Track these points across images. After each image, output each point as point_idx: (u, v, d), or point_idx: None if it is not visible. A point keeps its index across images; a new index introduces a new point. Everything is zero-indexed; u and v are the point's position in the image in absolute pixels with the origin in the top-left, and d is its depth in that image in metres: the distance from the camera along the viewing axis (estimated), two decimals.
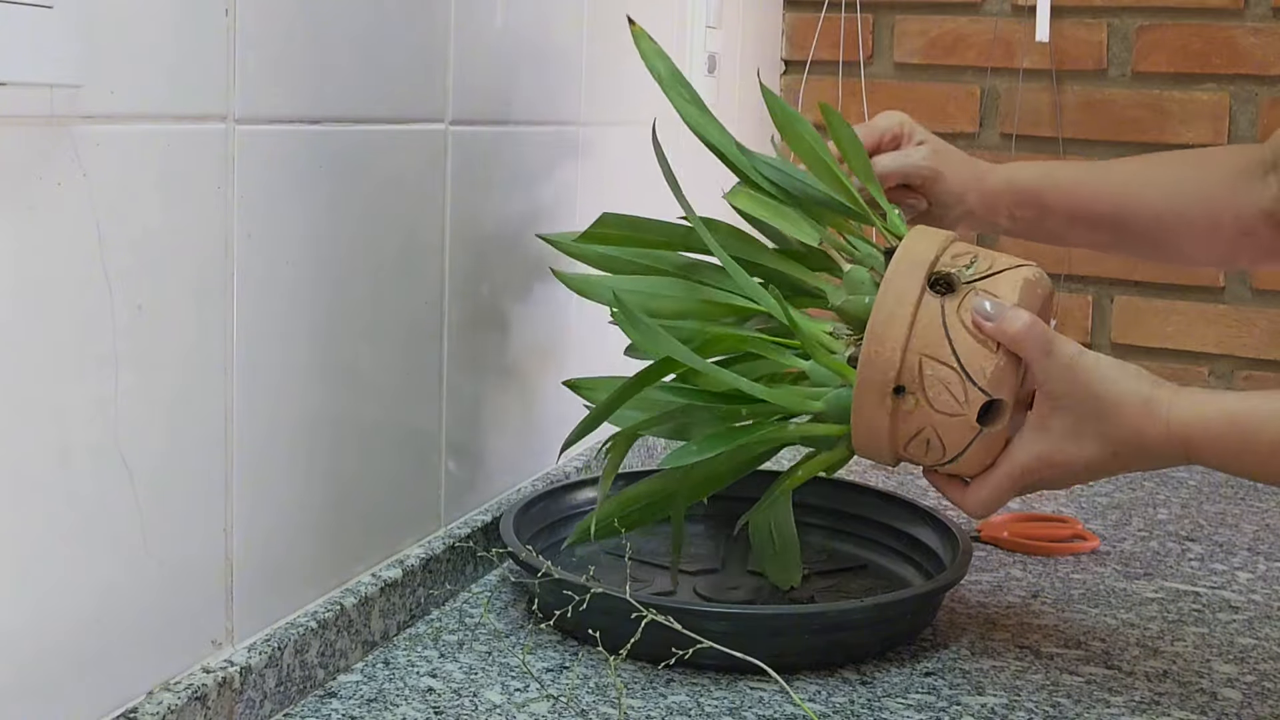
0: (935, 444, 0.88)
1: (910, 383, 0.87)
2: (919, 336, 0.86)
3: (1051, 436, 0.86)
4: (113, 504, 0.70)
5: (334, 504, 0.90)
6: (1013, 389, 0.87)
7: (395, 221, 0.94)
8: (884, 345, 0.86)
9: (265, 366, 0.81)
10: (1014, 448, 0.87)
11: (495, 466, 1.13)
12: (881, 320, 0.87)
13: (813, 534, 1.18)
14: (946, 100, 1.82)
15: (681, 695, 0.88)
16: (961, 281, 0.88)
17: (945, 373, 0.86)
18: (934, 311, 0.87)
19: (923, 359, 0.86)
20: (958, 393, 0.86)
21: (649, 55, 1.04)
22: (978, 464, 0.88)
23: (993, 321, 0.85)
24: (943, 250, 0.90)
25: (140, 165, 0.69)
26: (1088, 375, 0.84)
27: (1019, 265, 0.90)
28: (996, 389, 0.85)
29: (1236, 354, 1.76)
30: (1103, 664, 0.96)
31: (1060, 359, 0.85)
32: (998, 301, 0.86)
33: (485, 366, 1.09)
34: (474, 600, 1.03)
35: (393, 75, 0.92)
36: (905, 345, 0.86)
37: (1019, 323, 0.85)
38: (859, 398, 0.88)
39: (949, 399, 0.86)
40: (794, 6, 1.88)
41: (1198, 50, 1.71)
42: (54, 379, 0.65)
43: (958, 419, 0.86)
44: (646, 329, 0.91)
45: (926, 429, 0.87)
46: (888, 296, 0.87)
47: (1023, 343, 0.85)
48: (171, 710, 0.73)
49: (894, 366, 0.86)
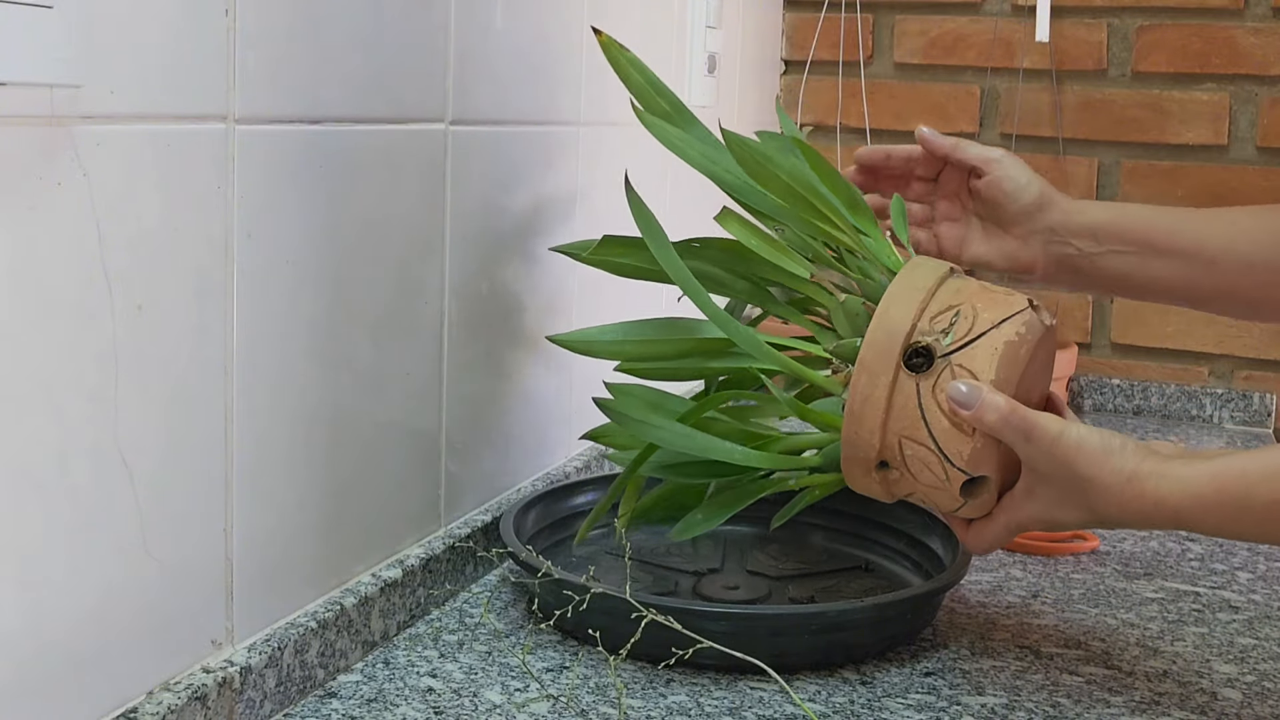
0: (929, 503, 0.90)
1: (892, 459, 0.87)
2: (896, 418, 0.86)
3: (1039, 504, 0.86)
4: (113, 504, 0.70)
5: (334, 504, 0.90)
6: (996, 462, 0.86)
7: (395, 221, 0.94)
8: (862, 426, 0.86)
9: (265, 366, 0.81)
10: (1009, 504, 0.88)
11: (495, 466, 1.13)
12: (859, 401, 0.86)
13: (813, 534, 1.18)
14: (946, 100, 1.82)
15: (681, 695, 0.88)
16: (938, 355, 0.85)
17: (924, 453, 0.86)
18: (909, 393, 0.86)
19: (901, 439, 0.86)
20: (938, 471, 0.86)
21: (621, 65, 0.99)
22: (974, 514, 0.90)
23: (969, 409, 0.83)
24: (920, 313, 0.86)
25: (140, 165, 0.69)
26: (1071, 456, 0.83)
27: (1003, 321, 0.86)
28: (976, 468, 0.85)
29: (1236, 354, 1.76)
30: (1103, 664, 0.96)
31: (1041, 444, 0.83)
32: (974, 386, 0.83)
33: (485, 366, 1.09)
34: (474, 600, 1.03)
35: (393, 75, 0.92)
36: (883, 426, 0.86)
37: (994, 414, 0.83)
38: (846, 468, 0.90)
39: (930, 475, 0.87)
40: (794, 6, 1.88)
41: (1198, 50, 1.72)
42: (53, 379, 0.65)
43: (942, 491, 0.88)
44: (636, 425, 0.93)
45: (917, 493, 0.89)
46: (862, 377, 0.86)
47: (1000, 432, 0.83)
48: (171, 710, 0.73)
49: (874, 447, 0.87)
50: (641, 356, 0.98)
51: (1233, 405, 1.75)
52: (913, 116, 1.83)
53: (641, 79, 0.99)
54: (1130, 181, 1.76)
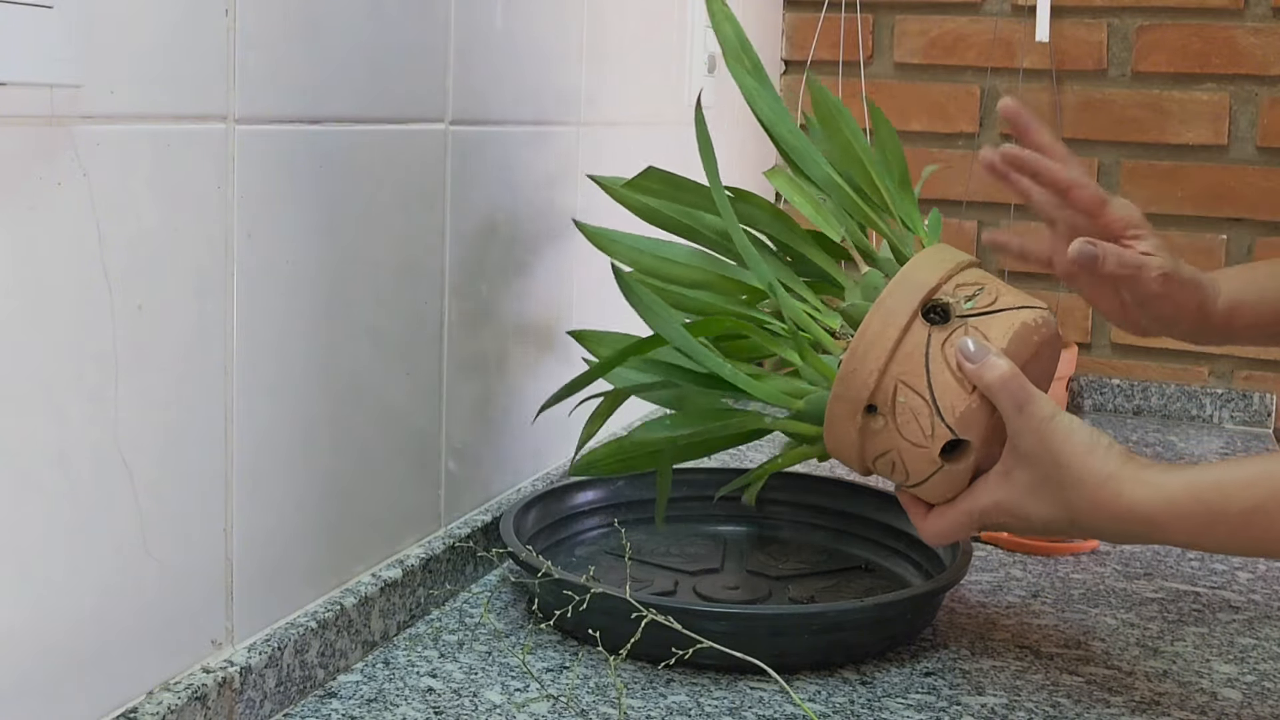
0: (899, 467, 0.88)
1: (882, 405, 0.86)
2: (899, 362, 0.86)
3: (1013, 489, 0.85)
4: (113, 504, 0.70)
5: (334, 504, 0.90)
6: (982, 432, 0.85)
7: (395, 221, 0.94)
8: (863, 364, 0.86)
9: (265, 366, 0.81)
10: (977, 488, 0.87)
11: (495, 466, 1.13)
12: (866, 339, 0.86)
13: (813, 534, 1.18)
14: (946, 100, 1.82)
15: (681, 695, 0.88)
16: (956, 314, 0.87)
17: (917, 402, 0.85)
18: (919, 340, 0.86)
19: (898, 384, 0.86)
20: (925, 425, 0.85)
21: (718, 17, 1.03)
22: (939, 494, 0.88)
23: (973, 364, 0.84)
24: (947, 278, 0.88)
25: (140, 165, 0.69)
26: (1057, 441, 0.82)
27: (1022, 307, 0.88)
28: (964, 429, 0.85)
29: (1236, 354, 1.76)
30: (1103, 664, 0.96)
31: (1032, 419, 0.83)
32: (983, 344, 0.84)
33: (485, 366, 1.09)
34: (474, 600, 1.03)
35: (393, 75, 0.92)
36: (884, 368, 0.86)
37: (996, 372, 0.83)
38: (832, 408, 0.88)
39: (916, 429, 0.86)
40: (794, 6, 1.88)
41: (1198, 50, 1.72)
42: (54, 379, 0.65)
43: (921, 450, 0.86)
44: (643, 303, 0.91)
45: (892, 452, 0.87)
46: (876, 317, 0.87)
47: (997, 393, 0.83)
48: (171, 710, 0.73)
49: (869, 387, 0.86)
50: (655, 272, 0.97)
51: (1233, 405, 1.75)
52: (913, 116, 1.83)
53: (732, 33, 1.02)
54: (1130, 181, 1.76)
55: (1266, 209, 1.71)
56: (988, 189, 1.82)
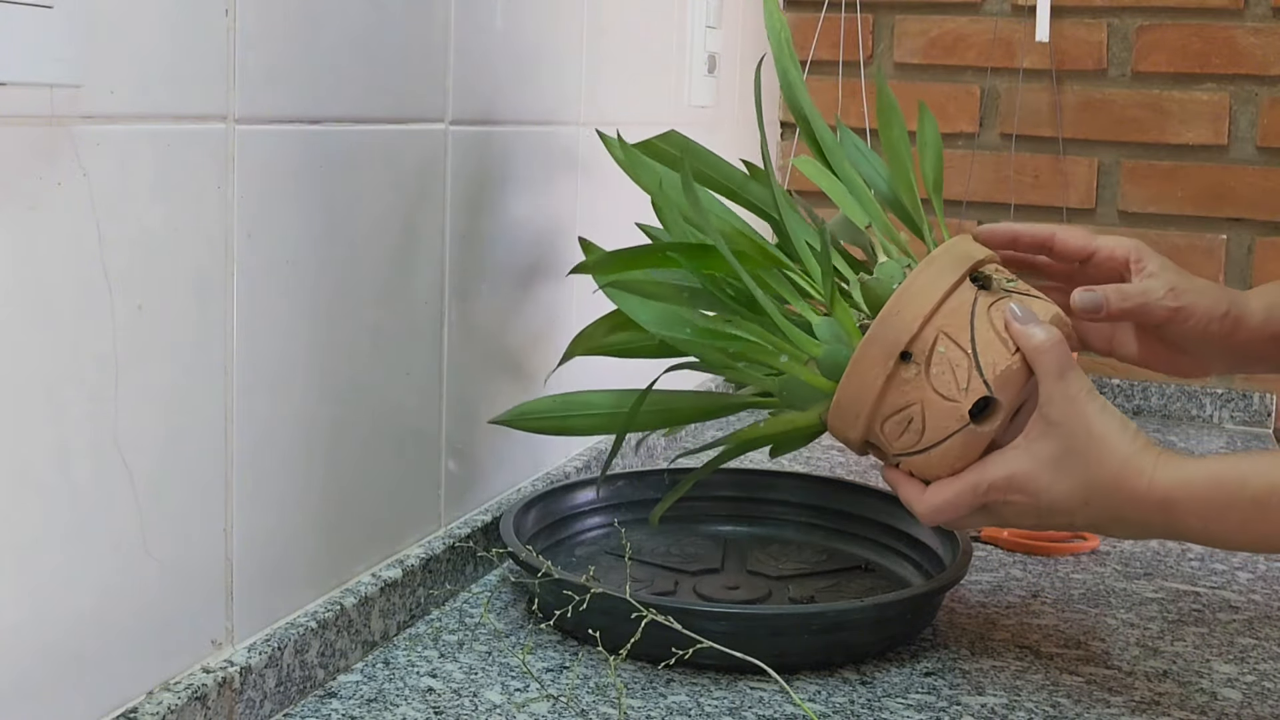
0: (916, 425, 0.85)
1: (919, 353, 0.85)
2: (943, 315, 0.85)
3: (1033, 459, 0.83)
4: (112, 503, 0.70)
5: (334, 504, 0.90)
6: (1013, 398, 0.85)
7: (395, 221, 0.94)
8: (907, 308, 0.85)
9: (265, 366, 0.81)
10: (989, 461, 0.85)
11: (495, 466, 1.13)
12: (913, 290, 0.86)
13: (813, 534, 1.18)
14: (946, 100, 1.82)
15: (681, 695, 0.88)
16: (1000, 287, 0.88)
17: (956, 354, 0.84)
18: (966, 299, 0.86)
19: (940, 334, 0.85)
20: (961, 377, 0.84)
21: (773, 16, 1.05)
22: (947, 465, 0.86)
23: (1021, 324, 0.84)
24: (989, 259, 0.90)
25: (140, 165, 0.69)
26: (1091, 413, 0.82)
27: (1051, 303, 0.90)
28: (1000, 389, 0.84)
29: None
30: (1103, 664, 0.96)
31: (1071, 387, 0.83)
32: (1031, 311, 0.85)
33: (485, 367, 1.09)
34: (474, 600, 1.03)
35: (393, 75, 0.92)
36: (929, 317, 0.85)
37: (1044, 336, 0.83)
38: (863, 349, 0.86)
39: (950, 381, 0.84)
40: (794, 6, 1.88)
41: (1198, 50, 1.72)
42: (54, 378, 0.65)
43: (950, 405, 0.84)
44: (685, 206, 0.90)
45: (915, 405, 0.85)
46: (926, 271, 0.87)
47: (1043, 355, 0.83)
48: (171, 710, 0.73)
49: (909, 332, 0.85)
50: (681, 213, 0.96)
51: (1233, 405, 1.75)
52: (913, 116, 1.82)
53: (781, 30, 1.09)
54: (1130, 181, 1.76)
55: (1266, 209, 1.71)
56: (988, 189, 1.82)
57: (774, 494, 1.21)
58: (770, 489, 1.22)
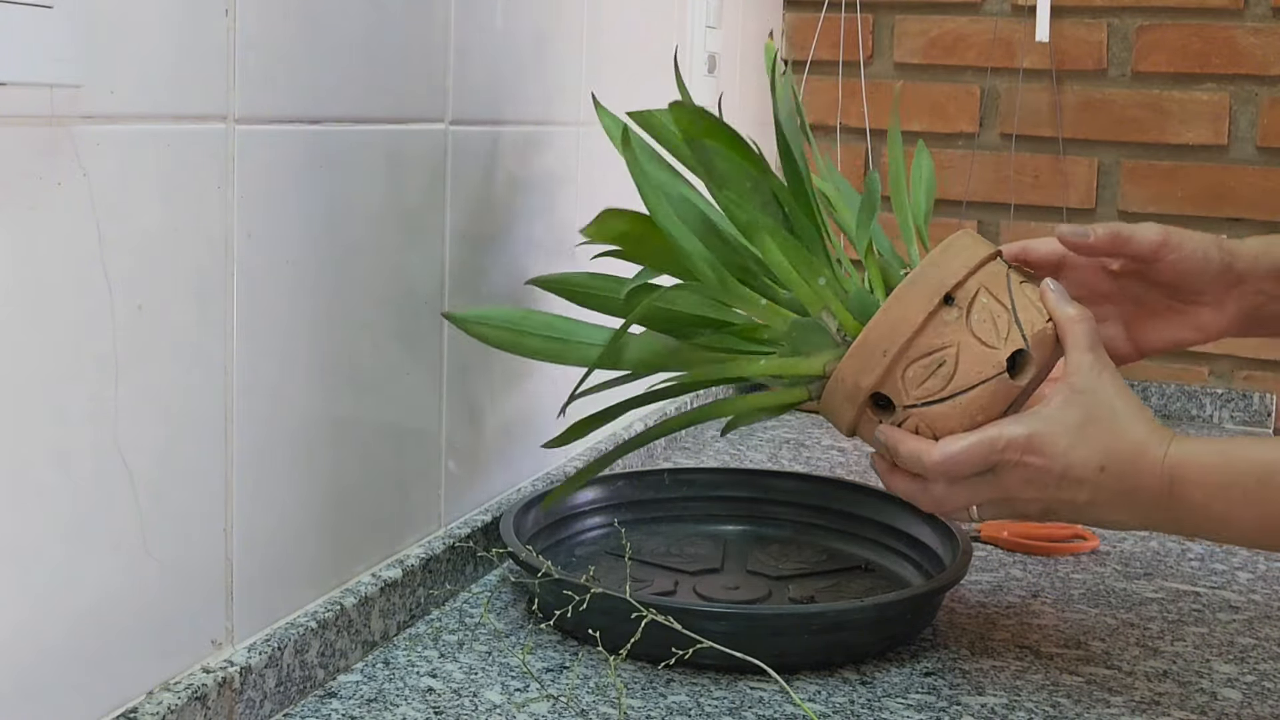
0: (946, 370, 0.84)
1: (961, 299, 0.86)
2: (984, 275, 0.87)
3: (1055, 423, 0.83)
4: (112, 504, 0.70)
5: (334, 504, 0.90)
6: (1043, 362, 0.87)
7: (395, 221, 0.94)
8: (952, 261, 0.87)
9: (265, 366, 0.81)
10: (1008, 420, 0.84)
11: (495, 466, 1.13)
12: (951, 249, 0.88)
13: (813, 534, 1.18)
14: (946, 100, 1.82)
15: (681, 695, 0.88)
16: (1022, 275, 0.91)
17: (996, 307, 0.87)
18: (1000, 270, 0.89)
19: (982, 287, 0.87)
20: (1001, 327, 0.86)
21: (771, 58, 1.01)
22: (967, 416, 0.85)
23: (1057, 295, 0.87)
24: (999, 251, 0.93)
25: (140, 165, 0.69)
26: (1113, 387, 0.85)
27: None
28: (1036, 346, 0.86)
29: (1236, 354, 1.76)
30: (1103, 664, 0.96)
31: (1101, 358, 0.86)
32: (1064, 289, 0.88)
33: (485, 366, 1.09)
34: (474, 600, 1.03)
35: (393, 75, 0.92)
36: (973, 270, 0.87)
37: (1078, 311, 0.87)
38: (904, 288, 0.86)
39: (990, 329, 0.86)
40: (794, 6, 1.88)
41: (1198, 50, 1.72)
42: (54, 379, 0.65)
43: (988, 351, 0.85)
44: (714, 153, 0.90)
45: (950, 349, 0.84)
46: (960, 240, 0.89)
47: (1076, 325, 0.86)
48: (171, 710, 0.73)
49: (956, 277, 0.86)
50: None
51: (1233, 405, 1.75)
52: (913, 116, 1.83)
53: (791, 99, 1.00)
54: (1130, 181, 1.76)
55: (1266, 209, 1.71)
56: (988, 189, 1.82)
57: (774, 494, 1.21)
58: (770, 489, 1.22)
